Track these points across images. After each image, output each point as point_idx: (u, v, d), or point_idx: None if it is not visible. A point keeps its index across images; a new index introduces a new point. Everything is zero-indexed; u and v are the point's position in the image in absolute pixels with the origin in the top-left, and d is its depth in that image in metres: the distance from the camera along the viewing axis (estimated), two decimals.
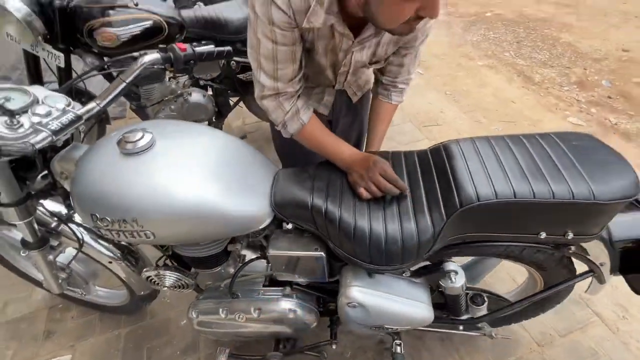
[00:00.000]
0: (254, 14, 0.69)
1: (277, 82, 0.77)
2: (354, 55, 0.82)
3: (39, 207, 0.87)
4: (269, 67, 0.75)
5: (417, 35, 0.85)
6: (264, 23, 0.69)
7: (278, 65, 0.75)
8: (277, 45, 0.72)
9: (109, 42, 1.37)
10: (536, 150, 0.67)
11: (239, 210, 0.71)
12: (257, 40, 0.73)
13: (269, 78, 0.77)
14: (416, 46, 0.89)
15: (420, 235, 0.66)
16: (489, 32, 3.86)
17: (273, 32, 0.69)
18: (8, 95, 0.66)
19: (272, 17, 0.67)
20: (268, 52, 0.73)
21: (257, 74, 0.78)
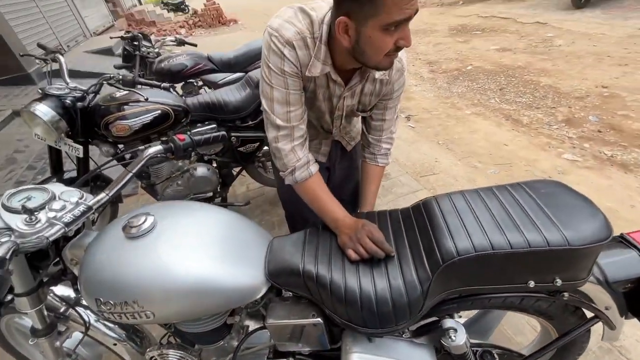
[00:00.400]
0: (268, 69, 0.85)
1: (290, 122, 0.90)
2: (345, 100, 0.97)
3: (49, 294, 0.92)
4: (282, 110, 0.89)
5: (393, 88, 1.01)
6: (277, 74, 0.85)
7: (290, 107, 0.89)
8: (289, 90, 0.87)
9: (122, 132, 1.54)
10: (508, 201, 0.71)
11: (235, 283, 0.74)
12: (271, 89, 0.87)
13: (283, 120, 0.89)
14: (394, 98, 1.04)
15: (410, 294, 0.67)
16: (472, 83, 4.14)
17: (285, 80, 0.85)
18: (30, 194, 0.75)
19: (284, 69, 0.84)
20: (281, 98, 0.87)
21: (272, 118, 0.90)
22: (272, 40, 0.82)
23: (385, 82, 0.98)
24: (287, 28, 0.82)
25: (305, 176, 0.93)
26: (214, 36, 9.27)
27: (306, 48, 0.84)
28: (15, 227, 0.67)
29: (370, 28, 0.71)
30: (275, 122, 0.89)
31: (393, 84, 1.00)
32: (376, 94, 1.01)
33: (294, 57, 0.83)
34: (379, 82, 0.98)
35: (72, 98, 1.50)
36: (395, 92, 1.03)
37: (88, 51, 6.28)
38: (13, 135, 3.38)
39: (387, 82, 0.99)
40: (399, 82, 1.01)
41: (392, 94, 1.03)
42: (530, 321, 1.41)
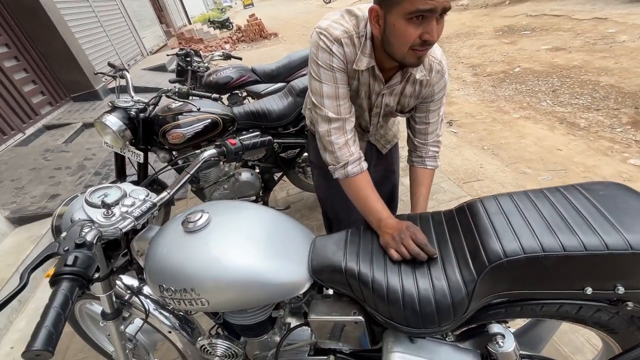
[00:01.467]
0: (317, 66, 0.90)
1: (340, 115, 0.93)
2: (384, 98, 1.00)
3: (117, 281, 1.03)
4: (332, 104, 0.92)
5: (433, 91, 1.02)
6: (326, 70, 0.89)
7: (340, 101, 0.93)
8: (337, 84, 0.91)
9: (177, 140, 1.69)
10: (561, 203, 0.68)
11: (280, 278, 0.78)
12: (320, 85, 0.91)
13: (334, 113, 0.93)
14: (435, 101, 1.05)
15: (453, 295, 0.66)
16: (520, 86, 3.91)
17: (334, 75, 0.90)
18: (106, 192, 0.86)
19: (333, 64, 0.89)
20: (331, 92, 0.91)
21: (323, 112, 0.93)
22: (320, 38, 0.88)
23: (425, 83, 0.99)
24: (335, 27, 0.87)
25: (357, 171, 0.95)
26: (256, 50, 9.73)
27: (353, 46, 0.88)
28: (96, 219, 0.78)
29: (395, 16, 0.74)
30: (326, 114, 0.93)
31: (433, 86, 1.01)
32: (416, 95, 1.02)
33: (341, 53, 0.88)
34: (418, 84, 0.99)
35: (136, 110, 1.68)
36: (436, 95, 1.04)
37: (145, 68, 6.92)
38: (83, 145, 3.80)
39: (427, 84, 1.00)
40: (439, 84, 1.01)
41: (433, 96, 1.04)
42: (591, 339, 1.29)
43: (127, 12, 8.25)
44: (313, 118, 1.00)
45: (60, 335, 0.48)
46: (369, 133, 1.19)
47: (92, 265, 0.56)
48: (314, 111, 0.96)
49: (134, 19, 8.68)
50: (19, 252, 2.25)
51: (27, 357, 0.45)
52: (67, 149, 3.67)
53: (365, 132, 1.19)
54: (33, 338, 0.45)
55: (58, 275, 0.52)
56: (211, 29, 12.88)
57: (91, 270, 0.55)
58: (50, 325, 0.46)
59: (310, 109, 1.21)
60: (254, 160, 2.04)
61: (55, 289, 0.51)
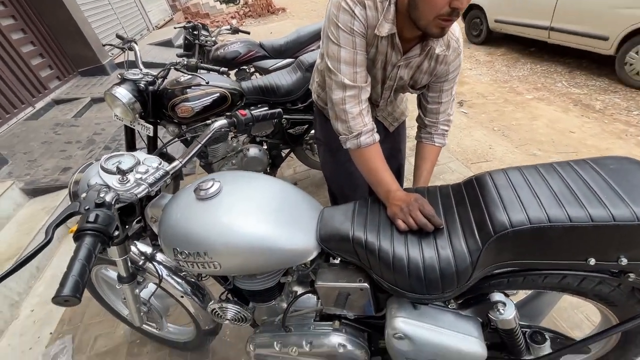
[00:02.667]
0: (336, 28, 0.87)
1: (357, 82, 0.91)
2: (399, 70, 0.98)
3: (132, 247, 1.07)
4: (349, 70, 0.90)
5: (448, 69, 1.00)
6: (346, 33, 0.87)
7: (357, 68, 0.90)
8: (356, 50, 0.89)
9: (186, 114, 1.69)
10: (570, 176, 0.68)
11: (289, 244, 0.81)
12: (338, 49, 0.89)
13: (350, 81, 0.90)
14: (449, 80, 1.03)
15: (458, 263, 0.68)
16: (535, 66, 3.80)
17: (354, 40, 0.87)
18: (120, 159, 0.88)
19: (354, 28, 0.86)
20: (349, 58, 0.89)
21: (339, 78, 0.90)
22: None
23: (441, 60, 0.97)
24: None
25: (370, 142, 0.94)
26: (264, 25, 9.49)
27: (375, 10, 0.85)
28: (112, 184, 0.80)
29: None
30: (342, 81, 0.90)
31: (449, 64, 0.99)
32: (430, 72, 1.01)
33: (363, 16, 0.85)
34: (434, 60, 0.97)
35: (145, 82, 1.68)
36: (451, 74, 1.02)
37: (151, 43, 6.82)
38: (92, 120, 3.83)
39: (443, 61, 0.98)
40: (455, 63, 1.00)
41: (447, 75, 1.02)
42: (590, 316, 1.32)
43: None
44: (326, 85, 0.97)
45: (85, 285, 0.51)
46: (378, 108, 1.18)
47: (112, 223, 0.58)
48: (327, 77, 0.94)
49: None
50: (34, 222, 2.32)
51: (57, 301, 0.48)
52: (77, 123, 3.70)
53: (374, 107, 1.18)
54: (62, 285, 0.48)
55: (81, 231, 0.55)
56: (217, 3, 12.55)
57: (111, 228, 0.58)
58: (76, 275, 0.49)
59: (319, 83, 1.20)
60: (262, 137, 2.05)
61: (79, 243, 0.54)
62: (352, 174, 1.32)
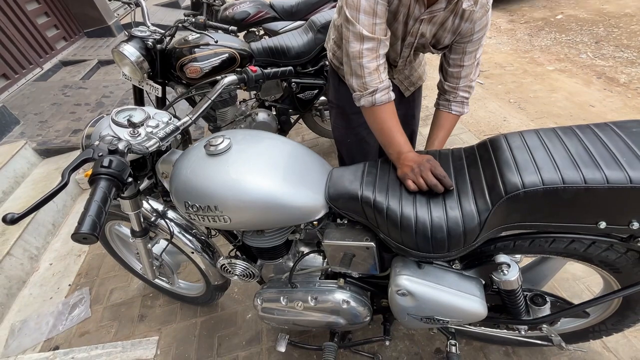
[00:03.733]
0: None
1: (375, 34, 0.87)
2: (421, 25, 0.93)
3: (144, 203, 1.10)
4: (368, 21, 0.86)
5: (474, 28, 0.93)
6: None
7: (377, 19, 0.86)
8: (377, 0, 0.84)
9: (194, 74, 1.66)
10: (590, 139, 0.66)
11: (298, 201, 0.82)
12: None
13: (369, 32, 0.86)
14: (474, 41, 0.97)
15: (466, 223, 0.69)
16: (560, 35, 3.58)
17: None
18: (131, 113, 0.88)
19: None
20: (369, 7, 0.84)
21: (357, 28, 0.86)
22: None
23: (467, 17, 0.91)
24: None
25: (386, 99, 0.92)
26: None
27: None
28: (123, 137, 0.81)
29: None
30: (361, 32, 0.86)
31: (475, 22, 0.92)
32: (454, 30, 0.95)
33: None
34: (459, 17, 0.91)
35: (153, 40, 1.64)
36: (476, 34, 0.95)
37: (157, 4, 6.59)
38: (100, 82, 3.80)
39: (469, 18, 0.91)
40: (481, 22, 0.93)
41: (472, 35, 0.95)
42: (591, 287, 1.34)
43: None
44: (343, 38, 0.92)
45: (102, 225, 0.53)
46: (395, 69, 1.14)
47: (125, 169, 0.59)
48: (345, 28, 0.89)
49: None
50: (49, 181, 2.39)
51: (75, 238, 0.50)
52: (85, 85, 3.68)
53: (392, 68, 1.14)
54: (80, 223, 0.50)
55: (96, 175, 0.56)
56: None
57: (125, 173, 0.59)
58: (93, 215, 0.51)
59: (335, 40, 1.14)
60: (271, 101, 2.01)
61: (95, 186, 0.55)
62: (363, 139, 1.30)
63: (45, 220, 2.17)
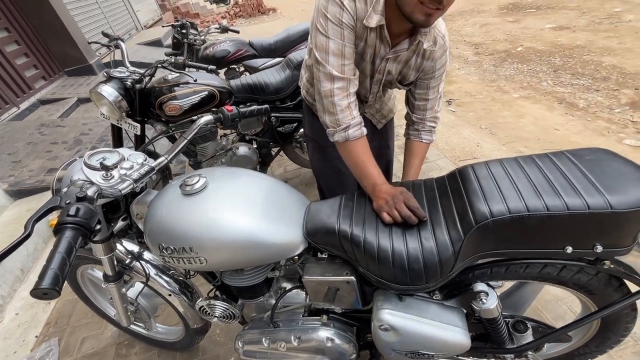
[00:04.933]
0: (325, 19, 0.88)
1: (344, 74, 0.92)
2: (387, 63, 0.99)
3: (118, 245, 1.06)
4: (337, 62, 0.90)
5: (435, 66, 1.02)
6: (334, 25, 0.87)
7: (345, 61, 0.91)
8: (344, 42, 0.89)
9: (174, 112, 1.68)
10: (548, 167, 0.70)
11: (276, 238, 0.81)
12: (326, 40, 0.89)
13: (338, 72, 0.91)
14: (436, 77, 1.05)
15: (441, 253, 0.70)
16: (522, 66, 3.86)
17: (342, 32, 0.88)
18: (105, 156, 0.87)
19: (342, 19, 0.87)
20: (337, 50, 0.89)
21: (327, 69, 0.90)
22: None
23: (428, 56, 0.99)
24: None
25: (358, 135, 0.95)
26: (254, 25, 9.46)
27: (364, 3, 0.87)
28: (95, 181, 0.79)
29: None
30: (331, 72, 0.90)
31: (435, 61, 1.01)
32: (417, 67, 1.02)
33: (352, 8, 0.86)
34: (421, 56, 0.99)
35: (132, 80, 1.66)
36: (437, 71, 1.04)
37: (140, 43, 6.74)
38: (79, 120, 3.77)
39: (430, 57, 1.00)
40: (441, 60, 1.02)
41: (434, 72, 1.04)
42: (573, 307, 1.35)
43: None
44: (314, 78, 0.96)
45: (65, 278, 0.50)
46: (366, 104, 1.19)
47: (93, 217, 0.58)
48: (316, 69, 0.94)
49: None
50: (19, 224, 2.27)
51: (35, 294, 0.47)
52: (63, 123, 3.64)
53: (363, 104, 1.19)
54: (40, 278, 0.48)
55: (61, 224, 0.54)
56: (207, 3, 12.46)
57: (93, 221, 0.57)
58: (56, 268, 0.49)
59: (307, 79, 1.20)
60: (251, 135, 2.04)
61: (60, 236, 0.53)
62: (340, 171, 1.32)
63: (12, 266, 2.05)
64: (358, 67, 0.98)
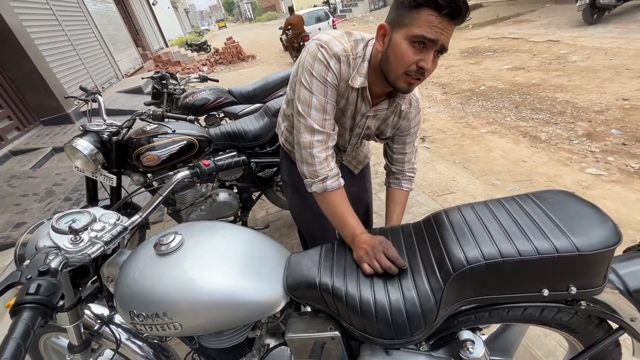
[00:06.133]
0: (310, 76, 0.91)
1: (325, 129, 0.95)
2: (367, 120, 1.04)
3: (86, 311, 0.99)
4: (318, 117, 0.94)
5: (410, 125, 1.11)
6: (319, 82, 0.91)
7: (326, 116, 0.94)
8: (327, 99, 0.93)
9: (152, 162, 1.67)
10: (516, 211, 0.73)
11: (256, 296, 0.78)
12: (310, 95, 0.92)
13: (319, 126, 0.94)
14: (411, 134, 1.14)
15: (423, 304, 0.69)
16: (486, 103, 4.16)
17: (326, 90, 0.92)
18: (74, 217, 0.84)
19: (327, 78, 0.91)
20: (320, 105, 0.92)
21: (308, 122, 0.93)
22: (320, 50, 0.90)
23: (403, 116, 1.08)
24: (336, 44, 0.91)
25: (336, 186, 0.97)
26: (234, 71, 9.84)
27: (348, 65, 0.92)
28: (63, 245, 0.76)
29: (400, 35, 0.80)
30: (312, 125, 0.93)
31: (410, 120, 1.10)
32: (394, 125, 1.11)
33: (337, 69, 0.91)
34: (398, 115, 1.08)
35: (109, 133, 1.66)
36: (412, 129, 1.13)
37: (120, 91, 6.82)
38: (52, 170, 3.66)
39: (406, 117, 1.09)
40: (416, 119, 1.12)
41: (409, 129, 1.13)
42: (562, 342, 1.34)
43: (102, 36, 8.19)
44: (294, 128, 0.99)
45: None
46: (344, 153, 1.24)
47: (56, 292, 0.54)
48: (297, 120, 0.96)
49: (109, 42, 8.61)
50: None
51: None
52: (35, 174, 3.52)
53: (340, 152, 1.24)
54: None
55: (19, 305, 0.51)
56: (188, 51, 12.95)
57: (55, 298, 0.54)
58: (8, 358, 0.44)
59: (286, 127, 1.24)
60: (231, 181, 2.04)
61: (16, 319, 0.49)
62: (320, 216, 1.32)
63: None
64: (338, 121, 1.03)
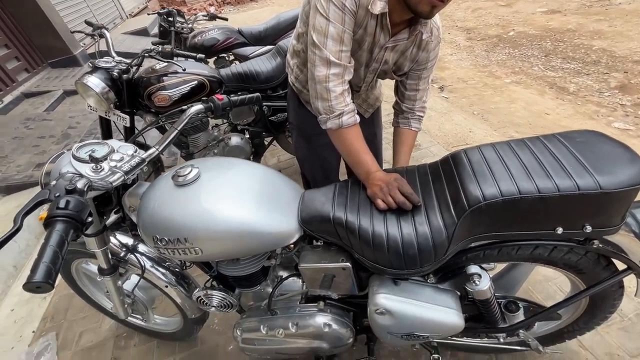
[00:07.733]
0: (327, 2, 0.84)
1: (341, 61, 0.89)
2: (385, 53, 0.98)
3: (112, 239, 1.05)
4: (335, 48, 0.88)
5: (428, 57, 1.04)
6: (336, 8, 0.84)
7: (343, 47, 0.88)
8: (345, 28, 0.87)
9: (163, 102, 1.65)
10: (540, 150, 0.71)
11: (271, 227, 0.81)
12: (327, 23, 0.86)
13: (335, 58, 0.88)
14: (428, 68, 1.07)
15: (435, 238, 0.70)
16: (513, 50, 3.86)
17: (344, 17, 0.85)
18: (94, 148, 0.85)
19: (345, 4, 0.84)
20: (337, 34, 0.86)
21: (323, 54, 0.88)
22: None
23: (423, 47, 1.00)
24: None
25: (352, 122, 0.94)
26: (243, 12, 9.25)
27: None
28: (85, 173, 0.78)
29: None
30: (327, 57, 0.88)
31: (429, 52, 1.03)
32: (412, 59, 1.03)
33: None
34: (417, 47, 1.00)
35: (119, 70, 1.61)
36: (430, 62, 1.06)
37: (126, 32, 6.55)
38: (66, 113, 3.67)
39: (426, 49, 1.01)
40: (434, 52, 1.04)
41: (427, 62, 1.05)
42: (563, 287, 1.39)
43: None
44: (308, 61, 0.93)
45: (58, 271, 0.50)
46: (356, 94, 1.18)
47: (84, 209, 0.57)
48: (311, 51, 0.91)
49: None
50: (8, 220, 2.23)
51: (28, 288, 0.47)
52: (49, 117, 3.55)
53: (352, 93, 1.18)
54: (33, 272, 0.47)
55: (51, 218, 0.53)
56: None
57: (84, 214, 0.56)
58: (47, 261, 0.48)
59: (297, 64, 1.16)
60: (243, 125, 2.02)
61: (50, 230, 0.53)
62: (324, 159, 1.32)
63: (5, 262, 2.02)
64: (354, 55, 0.97)
